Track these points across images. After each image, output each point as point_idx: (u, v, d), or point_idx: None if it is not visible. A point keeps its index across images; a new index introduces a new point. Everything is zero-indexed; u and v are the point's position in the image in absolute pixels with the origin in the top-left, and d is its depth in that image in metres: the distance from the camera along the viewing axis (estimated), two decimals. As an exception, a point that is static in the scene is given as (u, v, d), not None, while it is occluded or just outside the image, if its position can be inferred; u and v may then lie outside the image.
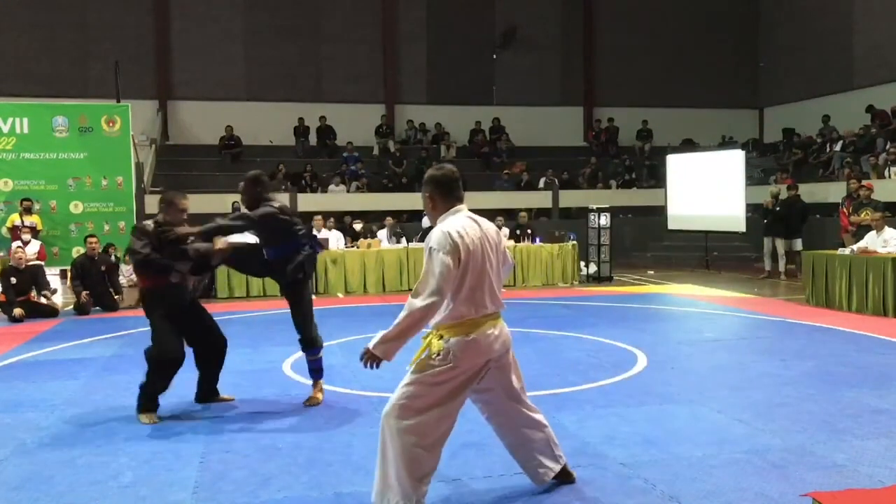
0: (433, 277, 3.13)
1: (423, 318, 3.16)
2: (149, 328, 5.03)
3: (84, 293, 10.15)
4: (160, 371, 4.96)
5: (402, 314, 3.16)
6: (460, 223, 3.27)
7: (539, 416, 3.65)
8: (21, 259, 10.02)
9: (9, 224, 12.07)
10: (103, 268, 10.58)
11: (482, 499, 3.62)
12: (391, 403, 3.29)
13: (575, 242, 13.32)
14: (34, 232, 11.81)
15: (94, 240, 10.73)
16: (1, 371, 6.68)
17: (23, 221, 11.96)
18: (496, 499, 3.61)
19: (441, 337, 3.26)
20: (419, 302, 3.13)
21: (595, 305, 10.31)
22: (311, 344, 5.38)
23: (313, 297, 5.76)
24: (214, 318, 5.42)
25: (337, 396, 5.56)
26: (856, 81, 18.63)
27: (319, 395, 5.39)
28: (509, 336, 3.46)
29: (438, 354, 3.24)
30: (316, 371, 5.43)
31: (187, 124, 19.46)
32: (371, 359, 3.20)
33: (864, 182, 12.16)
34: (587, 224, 13.86)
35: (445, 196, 3.37)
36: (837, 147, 16.82)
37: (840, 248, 9.99)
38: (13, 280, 9.80)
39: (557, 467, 3.69)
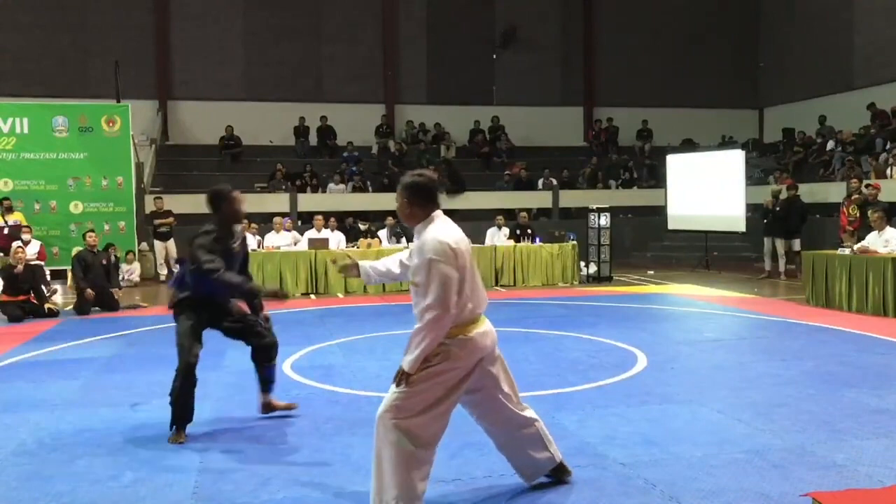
0: (442, 290, 3.16)
1: (438, 334, 3.20)
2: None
3: (88, 291, 10.04)
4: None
5: (416, 335, 3.21)
6: (449, 229, 3.31)
7: (529, 413, 3.65)
8: (21, 258, 10.00)
9: None
10: (104, 261, 10.54)
11: (482, 499, 3.61)
12: (386, 403, 3.27)
13: (575, 242, 13.32)
14: (19, 229, 11.77)
15: (92, 234, 10.70)
16: (1, 371, 6.68)
17: (6, 221, 11.91)
18: (496, 499, 3.61)
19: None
20: (429, 316, 3.16)
21: (595, 305, 10.31)
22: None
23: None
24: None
25: (337, 396, 5.56)
26: (856, 81, 18.62)
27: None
28: (495, 333, 3.49)
29: (437, 356, 3.25)
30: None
31: (187, 124, 19.46)
32: (403, 377, 3.22)
33: (872, 182, 12.11)
34: (587, 224, 13.85)
35: (425, 204, 3.36)
36: (837, 147, 16.82)
37: (840, 248, 9.99)
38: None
39: (551, 464, 3.69)
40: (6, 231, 11.65)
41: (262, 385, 5.03)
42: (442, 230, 3.29)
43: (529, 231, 13.84)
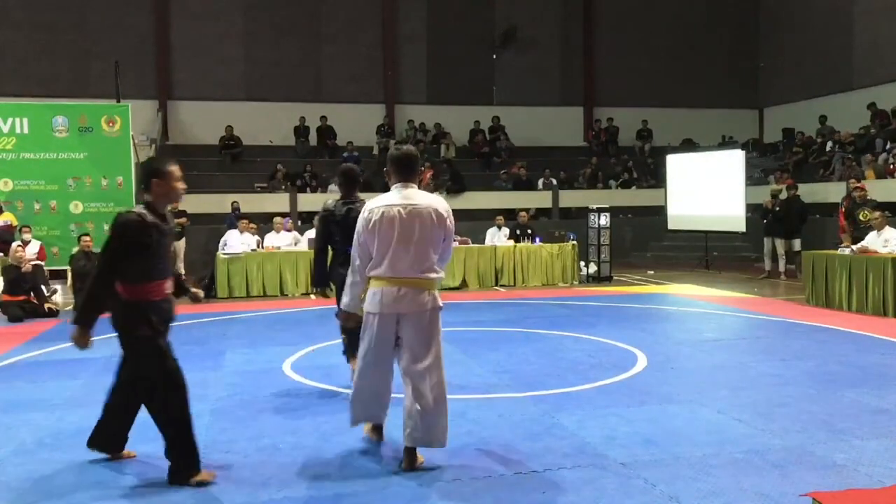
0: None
1: (351, 268, 4.01)
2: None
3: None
4: None
5: None
6: (385, 198, 3.93)
7: (423, 389, 3.88)
8: (21, 258, 10.00)
9: None
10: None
11: (482, 499, 3.61)
12: None
13: (575, 242, 13.32)
14: (11, 229, 11.76)
15: (87, 238, 10.84)
16: (1, 371, 6.68)
17: None
18: (496, 499, 3.61)
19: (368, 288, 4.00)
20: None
21: (595, 305, 10.31)
22: None
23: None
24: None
25: (337, 396, 5.56)
26: (856, 81, 18.62)
27: None
28: (426, 303, 3.89)
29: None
30: None
31: (187, 124, 19.46)
32: (345, 317, 4.16)
33: (858, 184, 12.16)
34: (587, 224, 13.86)
35: (396, 173, 4.01)
36: (836, 147, 16.82)
37: (840, 248, 9.99)
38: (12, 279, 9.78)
39: (403, 442, 3.97)
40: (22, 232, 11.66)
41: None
42: (380, 197, 3.97)
43: (529, 231, 13.84)
